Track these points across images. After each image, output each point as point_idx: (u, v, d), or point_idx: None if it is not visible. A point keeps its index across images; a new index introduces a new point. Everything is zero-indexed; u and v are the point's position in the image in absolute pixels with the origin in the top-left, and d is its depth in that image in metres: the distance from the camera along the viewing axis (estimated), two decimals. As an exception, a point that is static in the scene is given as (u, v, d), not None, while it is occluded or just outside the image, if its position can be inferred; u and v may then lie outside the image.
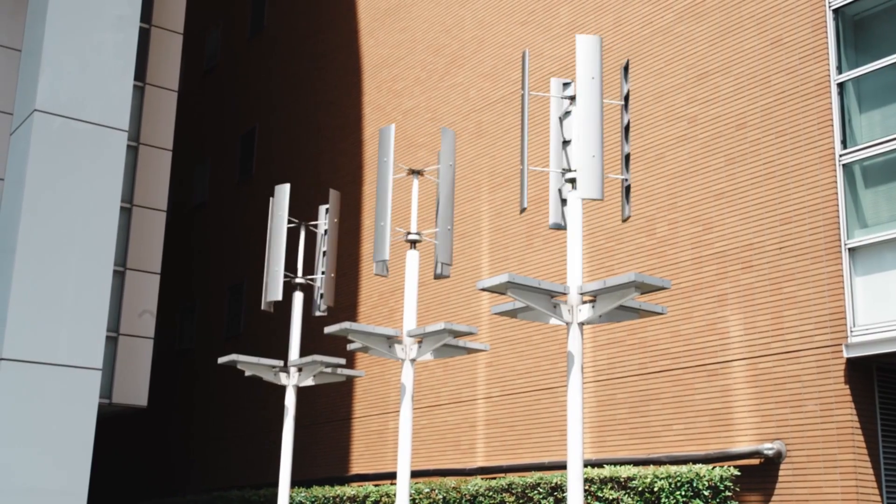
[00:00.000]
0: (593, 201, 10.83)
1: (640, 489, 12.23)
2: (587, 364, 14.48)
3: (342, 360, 11.86)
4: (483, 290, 8.29)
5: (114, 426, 26.92)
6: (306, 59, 24.05)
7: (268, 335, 22.58)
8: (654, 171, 14.21)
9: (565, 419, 11.13)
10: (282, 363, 12.25)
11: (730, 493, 11.80)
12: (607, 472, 12.70)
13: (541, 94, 9.09)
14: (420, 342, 10.22)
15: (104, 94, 15.51)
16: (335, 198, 12.61)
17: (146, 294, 18.31)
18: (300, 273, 12.61)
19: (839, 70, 12.20)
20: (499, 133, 17.24)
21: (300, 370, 12.14)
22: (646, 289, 8.14)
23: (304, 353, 13.60)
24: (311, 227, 12.83)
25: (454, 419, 16.85)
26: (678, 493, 11.83)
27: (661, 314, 8.93)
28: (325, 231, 12.54)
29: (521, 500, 13.61)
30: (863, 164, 11.86)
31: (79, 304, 14.70)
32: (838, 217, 11.80)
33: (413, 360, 10.21)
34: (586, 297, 8.46)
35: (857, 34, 12.32)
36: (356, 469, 18.97)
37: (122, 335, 17.82)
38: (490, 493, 14.04)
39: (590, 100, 8.53)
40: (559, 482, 13.18)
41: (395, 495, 15.58)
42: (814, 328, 11.80)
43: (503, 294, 8.30)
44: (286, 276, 12.23)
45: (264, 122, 25.29)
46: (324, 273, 12.34)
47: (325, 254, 12.44)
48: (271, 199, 12.53)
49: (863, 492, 11.11)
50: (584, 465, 12.27)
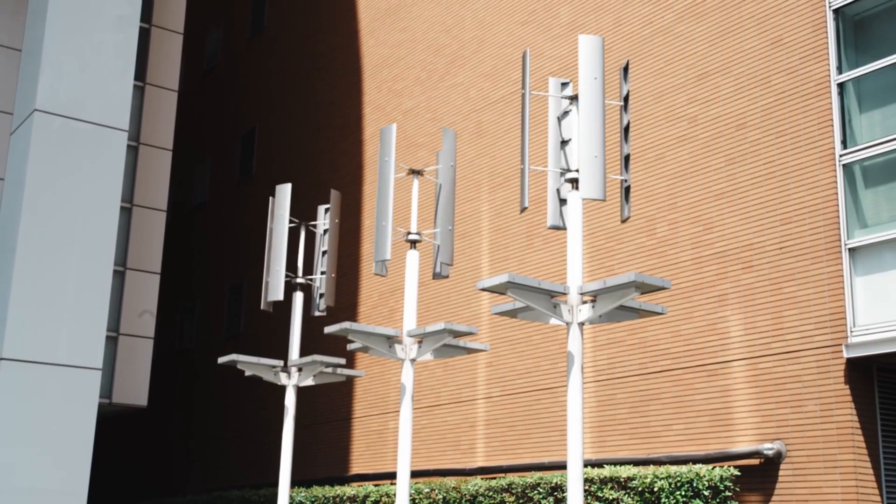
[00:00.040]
0: (593, 201, 10.83)
1: (640, 489, 12.23)
2: (587, 364, 14.47)
3: (342, 360, 11.86)
4: (483, 290, 8.29)
5: (114, 426, 26.92)
6: (306, 59, 24.04)
7: (268, 335, 22.58)
8: (655, 171, 14.21)
9: (565, 419, 11.13)
10: (282, 363, 12.25)
11: (730, 493, 11.80)
12: (607, 472, 12.70)
13: (541, 94, 9.09)
14: (420, 342, 10.22)
15: (104, 93, 15.52)
16: (336, 198, 12.61)
17: (146, 294, 18.31)
18: (300, 273, 12.62)
19: (839, 70, 12.20)
20: (499, 133, 17.23)
21: (300, 370, 12.14)
22: (646, 289, 8.14)
23: (304, 353, 13.60)
24: (312, 228, 12.83)
25: (454, 419, 16.85)
26: (678, 493, 11.83)
27: (661, 314, 8.93)
28: (325, 231, 12.54)
29: (521, 500, 13.61)
30: (863, 165, 11.86)
31: (79, 304, 14.70)
32: (838, 217, 11.80)
33: (413, 360, 10.21)
34: (586, 297, 8.46)
35: (857, 34, 12.32)
36: (356, 469, 18.97)
37: (122, 335, 17.82)
38: (490, 493, 14.04)
39: (592, 100, 8.53)
40: (559, 482, 13.18)
41: (395, 495, 15.58)
42: (814, 328, 11.80)
43: (503, 294, 8.30)
44: (286, 276, 12.23)
45: (264, 122, 25.29)
46: (323, 273, 12.34)
47: (324, 254, 12.44)
48: (271, 199, 12.52)
49: (863, 492, 11.11)
50: (584, 465, 12.27)
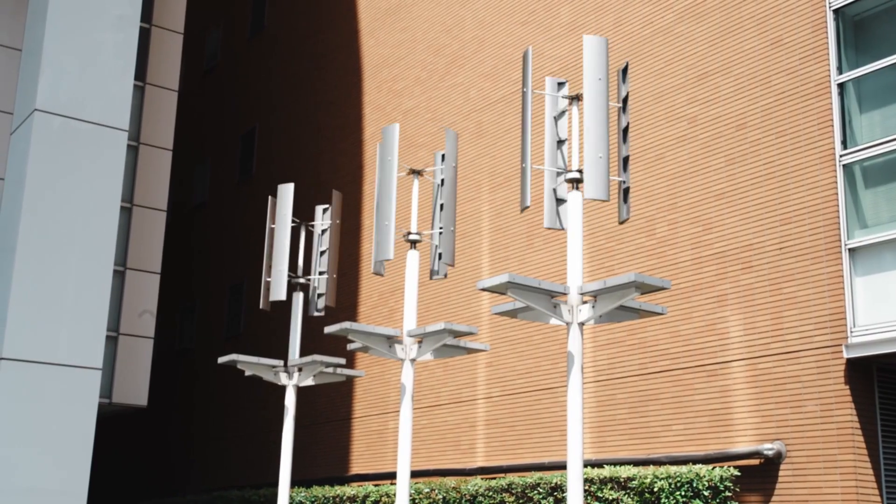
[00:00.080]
0: (593, 201, 10.84)
1: (639, 489, 12.23)
2: (587, 364, 14.48)
3: (342, 360, 11.86)
4: (483, 290, 8.29)
5: (114, 426, 26.92)
6: (306, 59, 24.05)
7: (268, 335, 22.58)
8: (654, 171, 14.21)
9: (565, 419, 11.13)
10: (282, 363, 12.24)
11: (730, 494, 11.79)
12: (607, 472, 12.70)
13: (542, 93, 9.09)
14: (420, 342, 10.22)
15: (104, 93, 15.52)
16: (337, 198, 12.61)
17: (146, 294, 18.31)
18: (300, 273, 12.61)
19: (839, 70, 12.20)
20: (499, 133, 17.23)
21: (300, 370, 12.14)
22: (646, 289, 8.15)
23: (304, 353, 13.60)
24: (312, 228, 12.82)
25: (454, 419, 16.85)
26: (678, 493, 11.83)
27: (661, 314, 8.94)
28: (323, 231, 12.54)
29: (521, 500, 13.60)
30: (863, 165, 11.86)
31: (79, 304, 14.70)
32: (838, 217, 11.80)
33: (413, 360, 10.21)
34: (586, 297, 8.46)
35: (857, 34, 12.32)
36: (356, 469, 18.97)
37: (122, 335, 17.82)
38: (490, 493, 14.04)
39: (596, 100, 8.54)
40: (559, 482, 13.18)
41: (395, 495, 15.58)
42: (814, 328, 11.80)
43: (503, 294, 8.30)
44: (287, 276, 12.23)
45: (264, 122, 25.29)
46: (321, 273, 12.34)
47: (322, 254, 12.44)
48: (270, 199, 12.51)
49: (863, 492, 11.11)
50: (584, 465, 12.27)
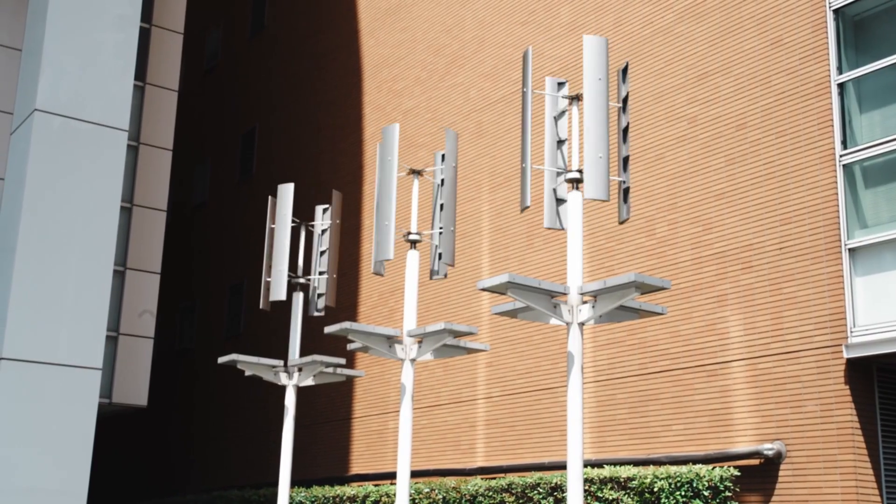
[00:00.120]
0: (593, 201, 10.84)
1: (639, 489, 12.23)
2: (587, 364, 14.47)
3: (342, 360, 11.86)
4: (483, 290, 8.29)
5: (114, 426, 26.92)
6: (306, 59, 24.05)
7: (268, 335, 22.58)
8: (654, 171, 14.21)
9: (565, 419, 11.13)
10: (282, 363, 12.24)
11: (730, 494, 11.79)
12: (607, 472, 12.70)
13: (542, 93, 9.09)
14: (420, 342, 10.22)
15: (104, 93, 15.52)
16: (337, 198, 12.60)
17: (146, 294, 18.31)
18: (300, 273, 12.61)
19: (839, 70, 12.20)
20: (499, 133, 17.23)
21: (300, 370, 12.14)
22: (646, 289, 8.15)
23: (304, 353, 13.60)
24: (312, 228, 12.82)
25: (454, 419, 16.85)
26: (678, 493, 11.83)
27: (661, 314, 8.94)
28: (323, 231, 12.55)
29: (521, 500, 13.60)
30: (863, 165, 11.86)
31: (79, 304, 14.70)
32: (838, 217, 11.80)
33: (413, 360, 10.21)
34: (586, 298, 8.46)
35: (857, 34, 12.32)
36: (356, 469, 18.97)
37: (122, 335, 17.82)
38: (490, 493, 14.04)
39: (596, 100, 8.54)
40: (559, 482, 13.18)
41: (395, 495, 15.58)
42: (814, 328, 11.80)
43: (503, 294, 8.30)
44: (287, 276, 12.23)
45: (264, 121, 25.29)
46: (321, 273, 12.34)
47: (322, 254, 12.44)
48: (270, 199, 12.51)
49: (863, 492, 11.11)
50: (584, 466, 12.27)
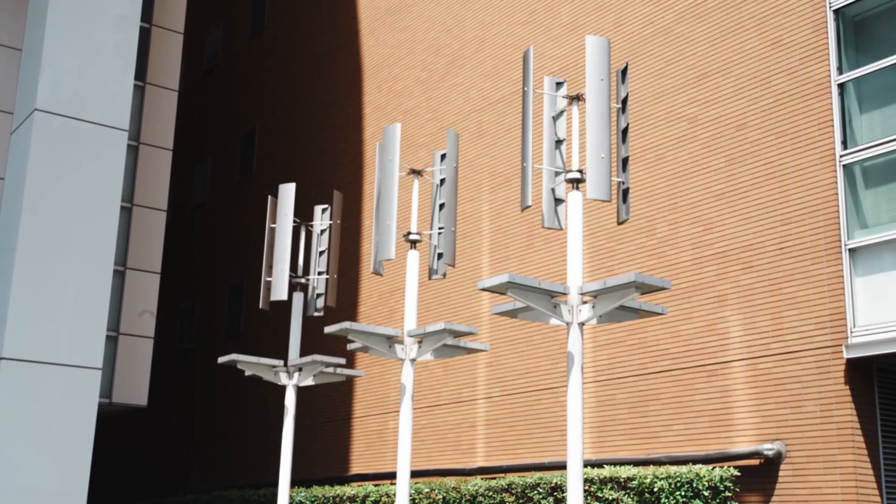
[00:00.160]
0: (593, 201, 10.84)
1: (639, 489, 12.23)
2: (587, 364, 14.47)
3: (342, 360, 11.86)
4: (483, 290, 8.29)
5: (114, 426, 26.92)
6: (307, 58, 24.05)
7: (268, 335, 22.58)
8: (655, 171, 14.21)
9: (565, 419, 11.13)
10: (282, 363, 12.24)
11: (730, 494, 11.79)
12: (607, 472, 12.70)
13: (542, 93, 9.09)
14: (420, 342, 10.22)
15: (104, 93, 15.51)
16: (338, 198, 12.60)
17: (146, 294, 18.31)
18: (300, 273, 12.61)
19: (840, 71, 12.19)
20: (499, 133, 17.23)
21: (300, 370, 12.14)
22: (646, 289, 8.15)
23: (304, 352, 13.59)
24: (312, 228, 12.81)
25: (454, 419, 16.85)
26: (678, 493, 11.83)
27: (661, 314, 8.94)
28: (321, 231, 12.54)
29: (521, 500, 13.60)
30: (863, 165, 11.86)
31: (79, 304, 14.70)
32: (838, 217, 11.80)
33: (413, 360, 10.21)
34: (586, 298, 8.46)
35: (857, 35, 12.31)
36: (356, 469, 18.97)
37: (122, 335, 17.82)
38: (490, 493, 14.04)
39: (599, 101, 8.54)
40: (559, 482, 13.18)
41: (395, 495, 15.57)
42: (814, 329, 11.80)
43: (503, 294, 8.30)
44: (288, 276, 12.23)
45: (265, 121, 25.29)
46: (320, 273, 12.34)
47: (321, 254, 12.44)
48: (270, 199, 12.50)
49: (863, 492, 11.11)
50: (584, 466, 12.27)
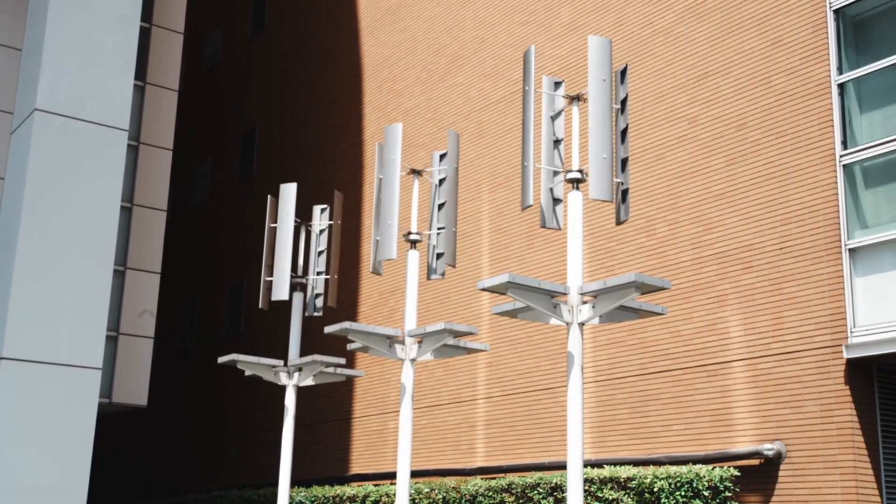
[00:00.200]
0: (592, 201, 10.83)
1: (639, 489, 12.23)
2: (587, 364, 14.47)
3: (342, 360, 11.86)
4: (483, 290, 8.29)
5: (114, 426, 26.92)
6: (307, 58, 24.05)
7: (268, 335, 22.58)
8: (655, 171, 14.21)
9: (565, 419, 11.13)
10: (282, 363, 12.24)
11: (730, 494, 11.79)
12: (607, 472, 12.70)
13: (543, 92, 9.08)
14: (420, 342, 10.22)
15: (104, 93, 15.51)
16: (338, 199, 12.60)
17: (146, 294, 18.31)
18: (301, 273, 12.61)
19: (840, 71, 12.19)
20: (500, 133, 17.23)
21: (300, 370, 12.14)
22: (646, 289, 8.15)
23: (304, 352, 13.59)
24: (311, 228, 12.81)
25: (454, 419, 16.85)
26: (678, 493, 11.83)
27: (661, 314, 8.94)
28: (321, 231, 12.54)
29: (521, 500, 13.60)
30: (863, 165, 11.86)
31: (79, 304, 14.69)
32: (838, 218, 11.80)
33: (413, 360, 10.21)
34: (586, 298, 8.46)
35: (857, 35, 12.31)
36: (356, 469, 18.96)
37: (122, 335, 17.81)
38: (490, 493, 14.04)
39: (600, 101, 8.54)
40: (559, 482, 13.18)
41: (395, 495, 15.57)
42: (814, 329, 11.80)
43: (503, 294, 8.30)
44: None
45: (265, 121, 25.29)
46: (319, 273, 12.34)
47: (321, 254, 12.44)
48: (269, 198, 12.50)
49: (863, 492, 11.11)
50: (584, 466, 12.27)
